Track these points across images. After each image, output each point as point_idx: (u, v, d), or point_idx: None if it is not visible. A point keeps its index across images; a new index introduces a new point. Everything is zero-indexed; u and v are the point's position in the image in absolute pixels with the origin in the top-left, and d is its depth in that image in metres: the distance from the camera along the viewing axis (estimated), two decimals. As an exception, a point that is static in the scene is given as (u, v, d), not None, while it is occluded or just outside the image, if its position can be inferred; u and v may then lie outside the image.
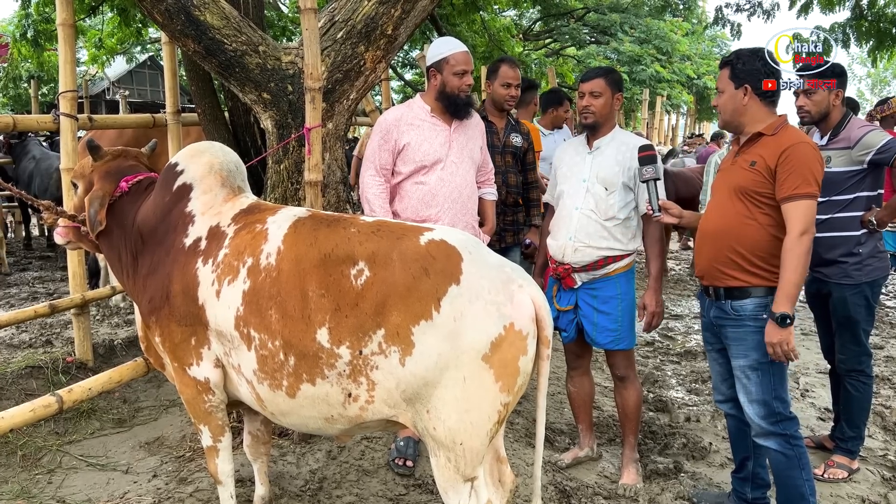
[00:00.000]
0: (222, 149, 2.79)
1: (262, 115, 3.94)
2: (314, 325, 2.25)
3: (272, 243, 2.41)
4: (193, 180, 2.65)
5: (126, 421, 4.07)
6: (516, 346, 2.18)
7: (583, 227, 3.35)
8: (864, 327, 3.62)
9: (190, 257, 2.52)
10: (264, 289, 2.34)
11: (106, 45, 12.39)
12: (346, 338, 2.21)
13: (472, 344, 2.14)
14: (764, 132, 2.81)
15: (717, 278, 2.89)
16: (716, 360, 3.13)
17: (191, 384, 2.55)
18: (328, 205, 4.01)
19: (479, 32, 12.08)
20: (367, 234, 2.32)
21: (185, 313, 2.48)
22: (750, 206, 2.79)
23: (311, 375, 2.28)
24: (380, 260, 2.24)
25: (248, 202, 2.66)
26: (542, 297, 2.30)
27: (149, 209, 2.68)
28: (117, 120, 4.98)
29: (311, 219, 2.48)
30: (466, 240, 2.33)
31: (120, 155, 2.89)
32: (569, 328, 3.49)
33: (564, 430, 4.19)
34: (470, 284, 2.18)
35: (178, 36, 3.77)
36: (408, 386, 2.19)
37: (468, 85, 3.46)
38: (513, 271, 2.30)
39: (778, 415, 2.81)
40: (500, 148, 4.14)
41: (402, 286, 2.18)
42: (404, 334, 2.16)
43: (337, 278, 2.26)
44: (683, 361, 5.68)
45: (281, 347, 2.30)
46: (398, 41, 3.99)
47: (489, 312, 2.16)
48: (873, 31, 9.11)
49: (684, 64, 17.61)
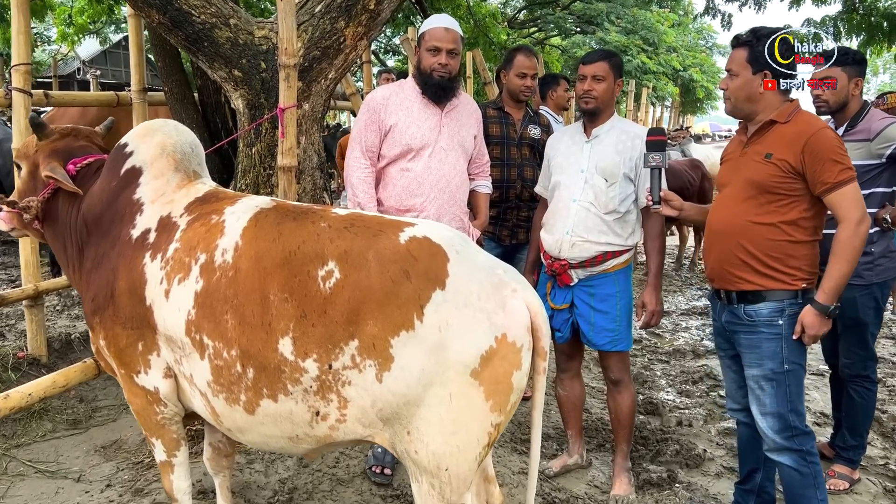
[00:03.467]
0: (177, 128, 2.48)
1: (232, 93, 3.65)
2: (276, 334, 1.97)
3: (229, 238, 2.12)
4: (143, 163, 2.36)
5: (82, 422, 3.76)
6: (509, 359, 1.93)
7: (581, 220, 3.10)
8: (871, 330, 3.43)
9: (137, 251, 2.22)
10: (219, 290, 2.05)
11: (76, 23, 11.97)
12: (313, 349, 1.94)
13: (459, 358, 1.89)
14: (776, 119, 2.57)
15: (729, 281, 2.66)
16: (729, 367, 2.90)
17: (140, 394, 2.27)
18: (303, 192, 3.74)
19: (464, 18, 11.78)
20: (339, 230, 2.04)
21: (131, 315, 2.19)
22: (764, 202, 2.55)
23: (272, 391, 2.00)
24: (353, 260, 1.97)
25: (204, 189, 2.37)
26: (539, 303, 2.04)
27: (94, 195, 2.38)
28: (76, 97, 4.64)
29: (276, 210, 2.20)
30: (453, 237, 2.07)
31: (69, 134, 2.59)
32: (563, 328, 3.25)
33: (552, 434, 3.96)
34: (457, 289, 1.92)
35: (142, 6, 3.48)
36: (385, 405, 1.93)
37: (441, 64, 3.14)
38: (505, 273, 2.05)
39: (793, 429, 2.59)
40: (516, 140, 3.90)
41: (378, 291, 1.92)
42: (381, 346, 1.90)
43: (303, 280, 1.98)
44: (672, 360, 5.48)
45: (238, 358, 2.02)
46: (381, 17, 3.71)
47: (479, 321, 1.91)
48: (864, 25, 8.97)
49: (670, 55, 17.47)
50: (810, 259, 2.58)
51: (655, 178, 2.82)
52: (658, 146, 2.83)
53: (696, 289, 8.06)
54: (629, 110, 14.90)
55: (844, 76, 3.26)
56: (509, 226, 3.98)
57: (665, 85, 17.30)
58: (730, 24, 9.68)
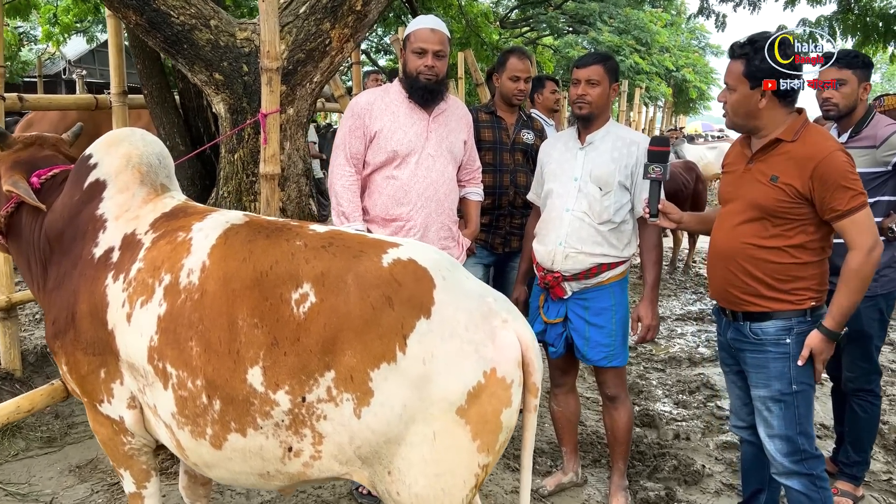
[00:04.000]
0: (144, 138, 2.33)
1: (213, 97, 3.50)
2: (244, 363, 1.83)
3: (195, 257, 1.97)
4: (107, 176, 2.21)
5: (56, 439, 3.62)
6: (498, 396, 1.80)
7: (575, 231, 2.98)
8: (876, 343, 3.33)
9: (99, 271, 2.08)
10: (184, 314, 1.91)
11: (62, 22, 11.74)
12: (285, 380, 1.80)
13: (444, 394, 1.76)
14: (783, 138, 2.42)
15: (734, 303, 2.54)
16: (734, 384, 2.78)
17: (105, 423, 2.13)
18: (288, 200, 3.59)
19: (455, 17, 11.66)
20: (316, 250, 1.90)
21: (93, 339, 2.04)
22: (769, 226, 2.42)
23: (240, 424, 1.86)
24: (330, 283, 1.83)
25: (172, 204, 2.22)
26: (531, 336, 1.92)
27: (56, 210, 2.24)
28: (53, 101, 4.47)
29: (247, 227, 2.05)
30: (440, 260, 1.93)
31: (33, 143, 2.44)
32: (557, 343, 3.12)
33: (545, 449, 3.84)
34: (443, 318, 1.79)
35: (118, 6, 3.33)
36: (364, 442, 1.80)
37: (427, 66, 3.01)
38: (495, 302, 1.91)
39: (802, 452, 2.48)
40: (509, 145, 3.77)
41: (357, 319, 1.78)
42: (360, 379, 1.76)
43: (275, 304, 1.84)
44: (668, 369, 5.37)
45: (203, 388, 1.87)
46: (368, 18, 3.57)
47: (466, 354, 1.78)
48: (860, 26, 8.90)
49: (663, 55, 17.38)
50: (819, 277, 2.47)
51: (655, 190, 2.69)
52: (660, 157, 2.68)
53: (691, 293, 7.96)
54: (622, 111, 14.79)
55: (855, 79, 3.13)
56: (502, 233, 3.86)
57: (658, 85, 17.20)
58: (724, 24, 9.61)
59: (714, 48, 23.72)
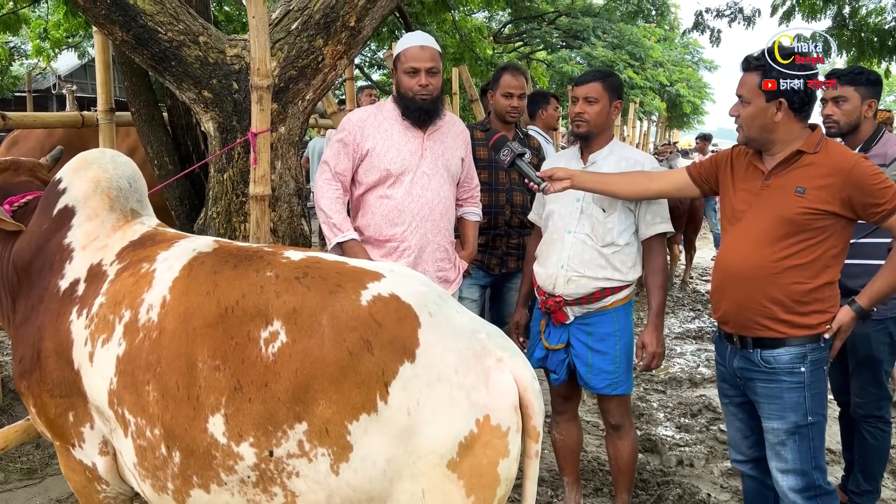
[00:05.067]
0: (114, 160, 2.18)
1: (202, 115, 3.40)
2: (204, 411, 1.65)
3: (156, 291, 1.81)
4: (76, 202, 2.06)
5: (37, 471, 3.48)
6: (493, 446, 1.62)
7: (577, 254, 2.87)
8: (885, 368, 3.23)
9: (65, 305, 1.93)
10: (141, 355, 1.74)
11: (52, 37, 11.67)
12: (249, 431, 1.62)
13: (433, 446, 1.59)
14: (804, 149, 2.35)
15: (747, 327, 2.43)
16: (735, 416, 2.67)
17: (78, 469, 1.98)
18: (279, 220, 3.48)
19: (449, 32, 11.63)
20: (289, 282, 1.71)
21: (60, 380, 1.89)
22: (795, 241, 2.33)
23: (203, 479, 1.69)
24: (303, 322, 1.64)
25: (141, 231, 2.06)
26: (530, 375, 1.74)
27: (24, 239, 2.10)
28: (38, 118, 4.34)
29: (214, 255, 1.88)
30: (426, 293, 1.75)
31: (7, 168, 2.32)
32: (559, 369, 3.01)
33: (546, 477, 3.71)
34: (430, 361, 1.62)
35: (104, 22, 3.23)
36: (344, 500, 1.63)
37: (421, 85, 2.93)
38: (489, 339, 1.73)
39: (817, 488, 2.37)
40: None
41: (332, 365, 1.59)
42: (337, 433, 1.58)
43: (241, 343, 1.66)
44: (669, 390, 5.26)
45: (162, 438, 1.70)
46: (362, 34, 3.48)
47: (456, 401, 1.60)
48: (854, 41, 8.90)
49: (657, 70, 17.39)
50: (833, 300, 2.39)
51: (522, 166, 2.84)
52: (499, 143, 2.88)
53: (689, 310, 7.86)
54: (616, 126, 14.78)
55: (857, 97, 3.06)
56: (499, 254, 3.76)
57: (652, 100, 17.20)
58: (718, 40, 9.62)
59: (708, 63, 23.79)
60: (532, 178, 2.80)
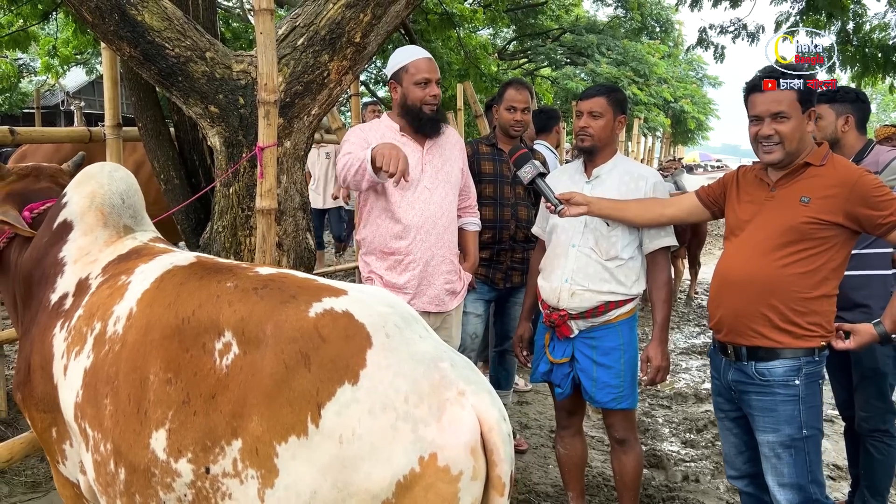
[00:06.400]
0: (111, 174, 2.17)
1: (208, 130, 3.42)
2: (150, 426, 1.57)
3: (125, 303, 1.77)
4: (74, 217, 2.07)
5: (41, 484, 3.47)
6: (438, 490, 1.41)
7: (581, 267, 2.88)
8: (891, 381, 3.21)
9: (52, 319, 1.92)
10: (104, 368, 1.69)
11: (61, 54, 11.78)
12: (188, 446, 1.52)
13: (365, 484, 1.40)
14: (812, 161, 2.39)
15: (742, 335, 2.44)
16: (730, 431, 2.67)
17: (67, 485, 1.97)
18: (285, 234, 3.50)
19: (454, 49, 11.70)
20: (245, 292, 1.61)
21: (44, 395, 1.88)
22: (797, 249, 2.35)
23: (144, 498, 1.60)
24: (249, 332, 1.53)
25: (131, 245, 2.04)
26: (497, 414, 1.50)
27: (29, 250, 2.12)
28: (45, 133, 4.39)
29: (188, 269, 1.81)
30: (387, 314, 1.57)
31: (28, 174, 2.33)
32: (563, 384, 3.01)
33: (550, 493, 3.70)
34: (375, 386, 1.44)
35: (112, 39, 3.26)
36: None
37: (433, 96, 3.01)
38: (452, 368, 1.52)
39: (815, 503, 2.36)
40: (510, 178, 3.69)
41: (268, 378, 1.46)
42: (265, 453, 1.44)
43: (196, 355, 1.57)
44: (674, 405, 5.24)
45: (112, 454, 1.64)
46: (367, 50, 3.51)
47: (399, 434, 1.41)
48: (858, 57, 8.92)
49: (661, 86, 17.46)
50: (830, 315, 2.40)
51: (542, 186, 2.79)
52: (522, 160, 2.83)
53: (694, 325, 7.85)
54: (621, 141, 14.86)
55: (832, 113, 3.14)
56: (503, 268, 3.77)
57: (656, 116, 17.27)
58: (722, 56, 9.64)
59: (712, 79, 23.89)
60: (551, 199, 2.77)
